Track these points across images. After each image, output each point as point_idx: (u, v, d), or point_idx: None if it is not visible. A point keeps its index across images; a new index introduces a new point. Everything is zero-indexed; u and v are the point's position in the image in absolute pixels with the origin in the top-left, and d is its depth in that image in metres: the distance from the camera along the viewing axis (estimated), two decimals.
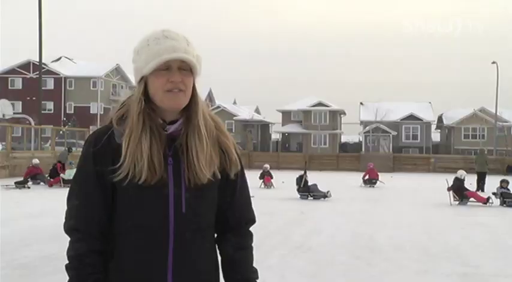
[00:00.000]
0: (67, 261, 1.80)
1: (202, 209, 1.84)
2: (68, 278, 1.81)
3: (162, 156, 1.78)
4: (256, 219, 2.03)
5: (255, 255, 1.99)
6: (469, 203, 16.52)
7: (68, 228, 1.81)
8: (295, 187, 17.97)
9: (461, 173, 17.07)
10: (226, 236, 1.93)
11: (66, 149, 24.91)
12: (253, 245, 1.99)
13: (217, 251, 1.95)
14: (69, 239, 1.83)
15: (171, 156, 1.80)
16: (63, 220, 1.85)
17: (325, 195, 17.22)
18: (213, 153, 1.84)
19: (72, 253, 1.79)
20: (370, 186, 24.06)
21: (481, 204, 16.36)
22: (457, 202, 16.55)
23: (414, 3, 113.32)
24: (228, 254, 1.92)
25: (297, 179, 17.96)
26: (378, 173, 24.95)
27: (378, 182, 24.26)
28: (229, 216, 1.93)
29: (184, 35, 1.84)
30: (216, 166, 1.84)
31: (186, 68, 1.79)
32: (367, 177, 24.74)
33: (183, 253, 1.79)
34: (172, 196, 1.78)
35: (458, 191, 16.72)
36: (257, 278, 1.95)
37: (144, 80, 1.81)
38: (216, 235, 1.94)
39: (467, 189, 16.89)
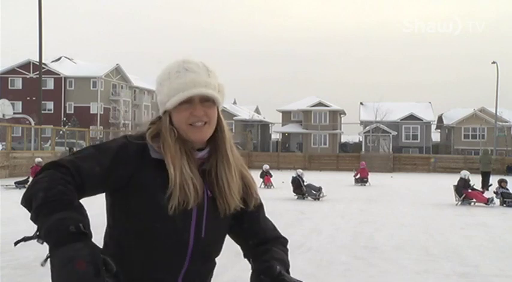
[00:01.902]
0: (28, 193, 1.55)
1: (217, 237, 1.85)
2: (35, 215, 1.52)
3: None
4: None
5: None
6: (469, 203, 16.51)
7: (49, 164, 1.62)
8: (291, 187, 18.02)
9: (464, 173, 17.03)
10: (268, 244, 1.88)
11: (67, 149, 24.92)
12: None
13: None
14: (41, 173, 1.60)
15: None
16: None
17: (317, 196, 17.20)
18: (239, 183, 1.85)
19: (40, 178, 1.56)
20: (361, 185, 24.71)
21: (482, 204, 16.33)
22: (459, 202, 16.50)
23: (414, 3, 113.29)
24: (274, 251, 1.87)
25: (293, 181, 17.93)
26: (369, 173, 25.65)
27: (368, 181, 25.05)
28: (259, 231, 1.91)
29: (205, 64, 1.82)
30: (241, 195, 1.85)
31: (208, 100, 1.79)
32: (358, 176, 25.41)
33: (193, 277, 1.79)
34: (194, 221, 1.77)
35: (461, 191, 16.68)
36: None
37: (168, 113, 1.81)
38: (249, 250, 1.90)
39: (468, 190, 16.82)
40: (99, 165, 1.67)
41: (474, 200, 16.62)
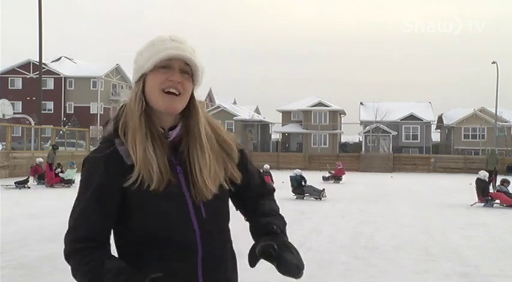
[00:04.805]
0: (80, 277, 1.65)
1: (219, 210, 1.83)
2: None
3: (168, 163, 1.72)
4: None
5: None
6: (468, 203, 16.47)
7: (69, 247, 1.69)
8: (290, 188, 18.04)
9: (484, 174, 16.65)
10: (261, 198, 1.98)
11: (51, 146, 23.90)
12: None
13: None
14: (73, 252, 1.68)
15: (178, 164, 1.75)
16: (64, 234, 1.72)
17: (320, 196, 17.20)
18: (217, 166, 1.80)
19: (87, 267, 1.63)
20: (334, 182, 26.42)
21: (500, 206, 16.04)
22: (483, 204, 16.17)
23: (414, 3, 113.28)
24: (265, 207, 1.99)
25: (293, 180, 17.94)
26: (345, 172, 27.93)
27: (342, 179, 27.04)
28: (252, 186, 1.96)
29: (191, 44, 1.80)
30: (222, 178, 1.81)
31: (187, 72, 1.75)
32: (331, 174, 27.42)
33: (211, 258, 1.76)
34: (191, 204, 1.74)
35: (483, 192, 16.33)
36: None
37: (143, 79, 1.76)
38: (243, 205, 1.98)
39: (490, 191, 16.55)
40: (102, 198, 1.70)
41: (498, 201, 16.18)
